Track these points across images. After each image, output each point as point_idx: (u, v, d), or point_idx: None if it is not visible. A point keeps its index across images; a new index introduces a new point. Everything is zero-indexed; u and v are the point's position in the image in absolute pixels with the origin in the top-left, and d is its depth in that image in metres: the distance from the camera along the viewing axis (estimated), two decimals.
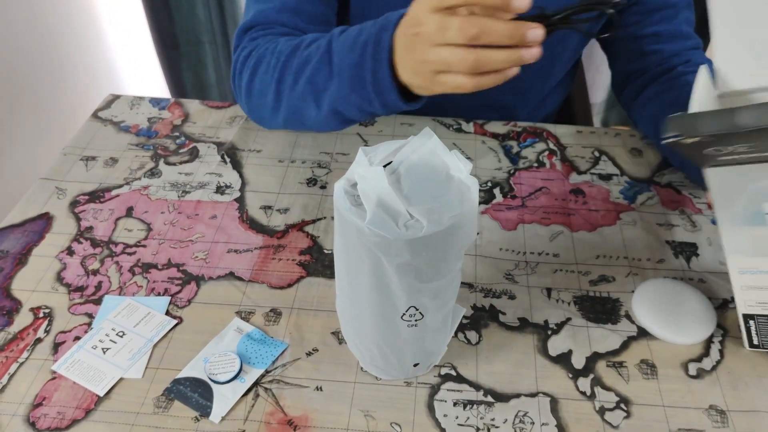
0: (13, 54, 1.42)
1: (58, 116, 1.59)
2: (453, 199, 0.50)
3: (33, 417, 0.57)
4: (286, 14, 0.79)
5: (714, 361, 0.62)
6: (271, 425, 0.57)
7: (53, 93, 1.57)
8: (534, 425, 0.57)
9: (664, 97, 0.81)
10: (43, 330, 0.65)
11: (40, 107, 1.52)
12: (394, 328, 0.55)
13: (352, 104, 0.67)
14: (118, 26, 1.81)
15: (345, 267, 0.54)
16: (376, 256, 0.49)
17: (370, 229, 0.47)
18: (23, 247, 0.73)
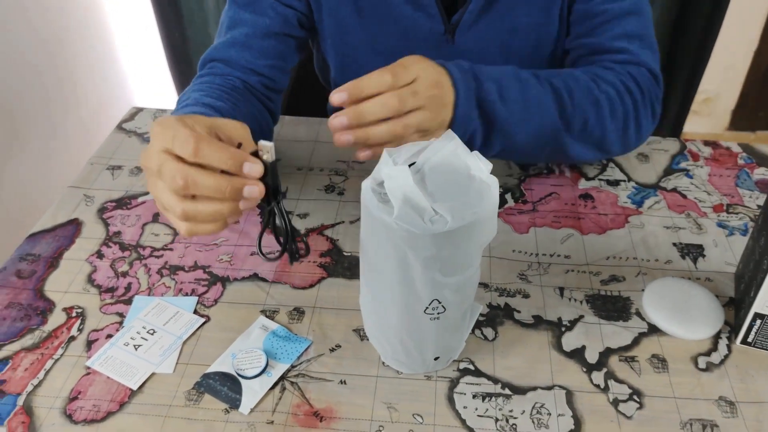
0: (30, 71, 1.46)
1: (75, 130, 1.63)
2: (475, 197, 0.52)
3: (69, 410, 0.60)
4: (235, 49, 0.82)
5: (722, 355, 0.65)
6: (298, 416, 0.59)
7: (69, 108, 1.61)
8: (551, 416, 0.59)
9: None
10: (76, 328, 0.67)
11: (57, 122, 1.56)
12: (417, 322, 0.57)
13: None
14: (132, 43, 1.86)
15: (371, 263, 0.57)
16: (403, 251, 0.52)
17: (398, 224, 0.50)
18: (54, 251, 0.76)
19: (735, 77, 2.07)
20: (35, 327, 0.67)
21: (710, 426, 0.58)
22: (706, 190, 0.85)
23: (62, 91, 1.57)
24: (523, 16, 0.85)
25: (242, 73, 0.82)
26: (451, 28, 0.85)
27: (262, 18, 0.82)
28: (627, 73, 0.78)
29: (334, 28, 0.89)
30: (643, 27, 0.82)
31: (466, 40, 0.87)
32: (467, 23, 0.85)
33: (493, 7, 0.83)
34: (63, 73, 1.57)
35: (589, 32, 0.83)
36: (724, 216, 0.81)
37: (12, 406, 0.60)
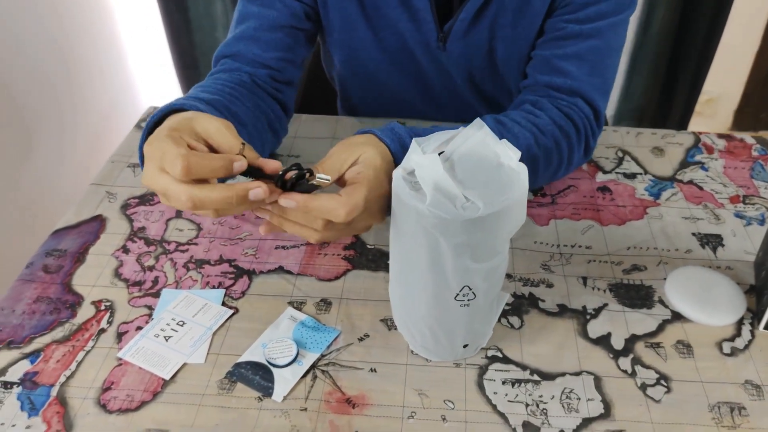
0: (42, 74, 1.47)
1: (84, 133, 1.64)
2: (504, 184, 0.53)
3: (103, 400, 0.60)
4: (243, 42, 0.82)
5: (746, 340, 0.65)
6: (331, 403, 0.60)
7: (79, 111, 1.62)
8: (580, 401, 0.60)
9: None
10: (105, 321, 0.68)
11: (68, 124, 1.57)
12: (447, 309, 0.58)
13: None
14: (140, 47, 1.87)
15: (402, 252, 0.58)
16: (434, 238, 0.53)
17: (430, 211, 0.51)
18: (80, 247, 0.77)
19: (737, 78, 2.09)
20: (65, 320, 0.68)
21: (738, 409, 0.59)
22: (721, 182, 0.86)
23: (72, 94, 1.58)
24: (508, 27, 0.85)
25: (250, 66, 0.82)
26: (443, 37, 0.87)
27: (269, 11, 0.83)
28: (564, 116, 0.77)
29: (340, 24, 0.91)
30: (599, 55, 0.79)
31: (457, 49, 0.88)
32: (459, 32, 0.86)
33: (482, 17, 0.84)
34: (73, 76, 1.58)
35: (543, 45, 0.82)
36: (741, 207, 0.82)
37: (46, 397, 0.61)
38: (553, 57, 0.80)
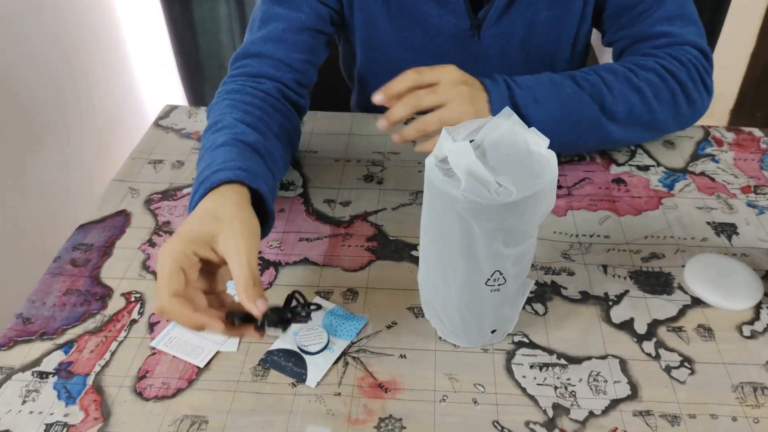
0: (48, 76, 1.48)
1: (89, 135, 1.65)
2: (535, 170, 0.55)
3: (139, 388, 0.61)
4: (271, 44, 0.84)
5: (765, 323, 0.67)
6: (364, 388, 0.61)
7: (84, 113, 1.63)
8: (607, 383, 0.61)
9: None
10: (136, 312, 0.69)
11: (73, 127, 1.58)
12: (477, 294, 0.59)
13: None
14: (144, 51, 1.88)
15: (433, 238, 0.59)
16: (468, 223, 0.54)
17: (465, 196, 0.52)
18: (106, 241, 0.78)
19: (734, 77, 2.12)
20: (96, 312, 0.69)
21: (761, 388, 0.61)
22: (732, 173, 0.88)
23: (78, 96, 1.59)
24: (544, 10, 0.88)
25: (276, 69, 0.83)
26: (477, 24, 0.89)
27: (296, 13, 0.85)
28: (667, 55, 0.81)
29: (363, 23, 0.92)
30: (681, 6, 0.85)
31: (490, 36, 0.90)
32: (492, 19, 0.88)
33: (516, 2, 0.86)
34: (78, 79, 1.59)
35: (630, 23, 0.86)
36: (753, 197, 0.84)
37: (82, 386, 0.61)
38: (646, 28, 0.85)
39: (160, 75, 1.93)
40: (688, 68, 0.81)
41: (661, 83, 0.78)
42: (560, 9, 0.88)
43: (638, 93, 0.77)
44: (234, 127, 0.73)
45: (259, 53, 0.84)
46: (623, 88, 0.76)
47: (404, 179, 0.87)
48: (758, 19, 1.99)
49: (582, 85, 0.76)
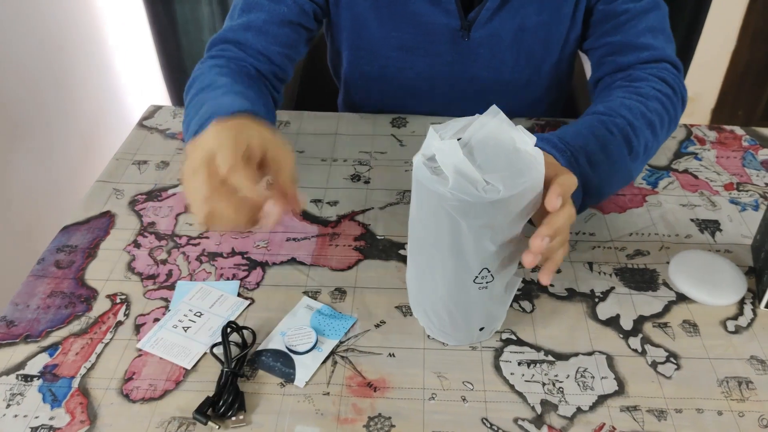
0: (29, 76, 1.46)
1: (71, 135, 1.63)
2: (522, 168, 0.55)
3: (126, 390, 0.61)
4: (251, 33, 0.83)
5: (749, 319, 0.68)
6: (352, 387, 0.61)
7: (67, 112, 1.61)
8: (594, 379, 0.62)
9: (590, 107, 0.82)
10: (122, 314, 0.68)
11: (55, 126, 1.56)
12: (465, 291, 0.60)
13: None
14: (126, 50, 1.86)
15: (421, 236, 0.59)
16: (456, 221, 0.54)
17: (453, 194, 0.53)
18: (90, 242, 0.77)
19: (715, 77, 2.15)
20: (81, 313, 0.68)
21: (745, 383, 0.62)
22: (715, 170, 0.89)
23: (60, 97, 1.57)
24: (534, 14, 0.88)
25: (255, 59, 0.83)
26: (467, 24, 0.89)
27: (279, 5, 0.84)
28: (657, 79, 0.82)
29: (351, 22, 0.92)
30: (662, 21, 0.86)
31: (480, 37, 0.90)
32: (483, 20, 0.88)
33: (507, 4, 0.86)
34: (60, 79, 1.58)
35: (613, 30, 0.87)
36: (735, 194, 0.85)
37: (68, 388, 0.61)
38: (631, 38, 0.85)
39: (143, 75, 1.91)
40: (674, 89, 0.82)
41: (664, 111, 0.79)
42: (550, 14, 0.89)
43: (650, 127, 0.77)
44: (233, 86, 0.73)
45: (238, 41, 0.83)
46: (641, 126, 0.76)
47: (391, 178, 0.87)
48: (738, 18, 2.02)
49: (615, 134, 0.73)
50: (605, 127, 0.74)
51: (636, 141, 0.74)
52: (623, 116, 0.75)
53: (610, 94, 0.81)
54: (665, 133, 0.80)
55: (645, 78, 0.82)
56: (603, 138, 0.72)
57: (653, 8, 0.85)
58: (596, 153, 0.71)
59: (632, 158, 0.75)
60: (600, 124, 0.74)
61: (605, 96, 0.81)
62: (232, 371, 0.60)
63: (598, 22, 0.88)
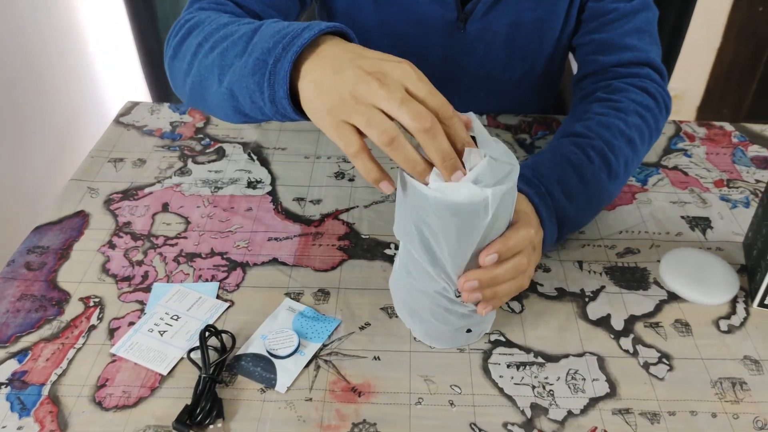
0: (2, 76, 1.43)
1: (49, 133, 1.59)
2: (501, 171, 0.53)
3: (98, 397, 0.58)
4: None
5: (741, 318, 0.66)
6: (336, 393, 0.59)
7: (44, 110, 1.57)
8: (585, 381, 0.60)
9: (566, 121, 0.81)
10: (95, 317, 0.65)
11: (32, 124, 1.52)
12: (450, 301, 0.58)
13: (246, 88, 0.57)
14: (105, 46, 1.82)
15: (407, 241, 0.57)
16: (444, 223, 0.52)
17: (437, 199, 0.50)
18: (63, 243, 0.74)
19: (700, 75, 2.15)
20: (52, 317, 0.65)
21: (739, 383, 0.60)
22: (705, 167, 0.87)
23: (36, 93, 1.54)
24: (530, 10, 0.87)
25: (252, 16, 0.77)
26: (463, 16, 0.87)
27: None
28: (640, 90, 0.80)
29: (347, 7, 0.90)
30: (650, 23, 0.85)
31: (476, 30, 0.88)
32: (479, 13, 0.87)
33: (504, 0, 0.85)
34: (37, 74, 1.54)
35: (600, 28, 0.85)
36: (726, 190, 0.83)
37: (37, 396, 0.58)
38: (616, 37, 0.84)
39: (122, 72, 1.87)
40: (656, 100, 0.80)
41: (644, 125, 0.77)
42: (545, 10, 0.88)
43: (630, 145, 0.74)
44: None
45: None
46: (620, 144, 0.73)
47: None
48: (724, 16, 2.02)
49: (593, 159, 0.71)
50: (582, 151, 0.72)
51: (615, 161, 0.72)
52: (601, 136, 0.73)
53: (588, 109, 0.78)
54: (647, 146, 0.79)
55: (625, 89, 0.80)
56: (580, 166, 0.70)
57: (642, 9, 0.84)
58: (573, 183, 0.69)
59: (612, 179, 0.73)
60: (577, 149, 0.72)
61: (583, 111, 0.79)
62: (210, 377, 0.58)
63: (587, 19, 0.87)
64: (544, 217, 0.66)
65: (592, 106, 0.79)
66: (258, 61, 0.55)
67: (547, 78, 0.98)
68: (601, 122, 0.75)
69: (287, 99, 0.54)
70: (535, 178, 0.67)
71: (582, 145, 0.72)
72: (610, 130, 0.74)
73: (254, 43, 0.57)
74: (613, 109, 0.77)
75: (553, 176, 0.68)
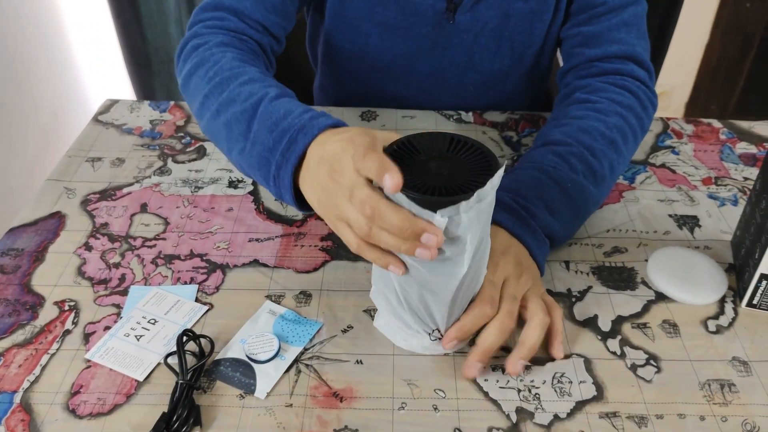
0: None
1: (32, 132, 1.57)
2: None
3: (72, 405, 0.56)
4: (250, 1, 0.78)
5: (730, 318, 0.66)
6: (317, 398, 0.57)
7: (26, 109, 1.55)
8: (572, 384, 0.59)
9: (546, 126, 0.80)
10: (70, 322, 0.64)
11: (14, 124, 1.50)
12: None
13: (255, 174, 0.64)
14: (89, 45, 1.80)
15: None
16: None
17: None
18: (38, 245, 0.72)
19: (688, 71, 2.14)
20: (25, 322, 0.63)
21: (728, 385, 0.59)
22: (693, 164, 0.86)
23: (19, 92, 1.51)
24: (520, 1, 0.86)
25: (255, 31, 0.78)
26: (452, 6, 0.86)
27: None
28: (620, 89, 0.79)
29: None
30: (639, 17, 0.84)
31: (465, 20, 0.87)
32: (468, 4, 0.86)
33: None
34: (20, 73, 1.51)
35: (588, 21, 0.84)
36: (714, 188, 0.82)
37: (9, 404, 0.56)
38: (603, 30, 0.83)
39: (106, 70, 1.85)
40: (639, 98, 0.79)
41: (625, 125, 0.76)
42: (536, 2, 0.86)
43: (613, 146, 0.73)
44: (264, 80, 0.68)
45: (235, 9, 0.77)
46: (603, 147, 0.72)
47: None
48: (711, 12, 2.01)
49: (575, 169, 0.70)
50: (563, 160, 0.70)
51: (599, 165, 0.72)
52: (581, 142, 0.72)
53: (566, 113, 0.77)
54: (632, 145, 0.77)
55: (604, 89, 0.79)
56: (562, 179, 0.69)
57: (631, 4, 0.83)
58: (556, 199, 0.68)
59: (599, 185, 0.72)
60: (558, 159, 0.71)
61: (562, 115, 0.78)
62: (188, 383, 0.56)
63: (576, 11, 0.86)
64: (530, 243, 0.65)
65: (570, 110, 0.78)
66: (261, 158, 0.62)
67: (535, 71, 0.96)
68: (580, 126, 0.74)
69: (294, 201, 0.61)
70: (515, 202, 0.66)
71: (562, 153, 0.71)
72: (590, 134, 0.73)
73: (255, 131, 0.62)
74: (591, 110, 0.76)
75: (535, 194, 0.67)
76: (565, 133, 0.74)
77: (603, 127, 0.74)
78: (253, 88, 0.66)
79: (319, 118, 0.60)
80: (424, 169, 0.51)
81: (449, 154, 0.53)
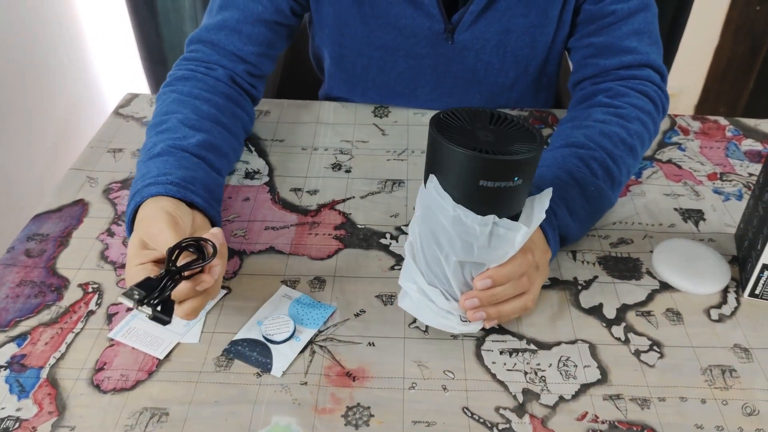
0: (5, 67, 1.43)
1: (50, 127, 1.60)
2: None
3: (96, 380, 0.59)
4: (224, 33, 0.83)
5: (732, 307, 0.67)
6: (331, 377, 0.59)
7: (45, 105, 1.58)
8: (577, 368, 0.61)
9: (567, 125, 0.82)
10: (94, 303, 0.66)
11: (34, 118, 1.53)
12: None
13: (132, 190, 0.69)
14: (106, 42, 1.83)
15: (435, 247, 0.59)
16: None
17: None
18: (63, 231, 0.75)
19: (698, 73, 2.15)
20: (51, 303, 0.66)
21: (729, 371, 0.61)
22: (699, 160, 0.88)
23: (38, 85, 1.54)
24: (520, 16, 0.86)
25: (228, 60, 0.83)
26: (450, 27, 0.87)
27: (254, 4, 0.83)
28: (640, 94, 0.81)
29: (333, 18, 0.90)
30: (649, 23, 0.84)
31: (464, 39, 0.88)
32: (467, 23, 0.86)
33: (492, 7, 0.85)
34: (40, 68, 1.54)
35: (598, 31, 0.85)
36: (719, 183, 0.84)
37: (36, 379, 0.59)
38: (615, 40, 0.84)
39: (123, 65, 1.88)
40: (655, 103, 0.81)
41: (644, 131, 0.78)
42: (537, 16, 0.86)
43: (631, 152, 0.76)
44: (176, 131, 0.72)
45: (211, 41, 0.83)
46: (622, 154, 0.75)
47: (372, 168, 0.86)
48: (722, 14, 2.02)
49: (595, 172, 0.73)
50: (585, 164, 0.73)
51: (617, 171, 0.74)
52: (603, 147, 0.74)
53: (589, 115, 0.79)
54: (646, 149, 0.81)
55: (626, 93, 0.81)
56: (583, 181, 0.72)
57: (641, 10, 0.83)
58: (576, 199, 0.71)
59: (614, 188, 0.75)
60: (580, 162, 0.73)
61: (584, 116, 0.80)
62: (178, 269, 0.54)
63: (584, 22, 0.87)
64: (550, 237, 0.67)
65: (592, 112, 0.80)
66: (131, 191, 0.68)
67: (542, 79, 0.97)
68: (603, 131, 0.76)
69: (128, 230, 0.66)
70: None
71: (584, 157, 0.73)
72: (612, 140, 0.75)
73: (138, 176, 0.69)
74: (614, 115, 0.78)
75: (557, 194, 0.69)
76: (587, 136, 0.76)
77: (625, 134, 0.76)
78: (159, 139, 0.72)
79: (150, 187, 0.64)
80: (473, 137, 0.54)
81: (492, 127, 0.56)
